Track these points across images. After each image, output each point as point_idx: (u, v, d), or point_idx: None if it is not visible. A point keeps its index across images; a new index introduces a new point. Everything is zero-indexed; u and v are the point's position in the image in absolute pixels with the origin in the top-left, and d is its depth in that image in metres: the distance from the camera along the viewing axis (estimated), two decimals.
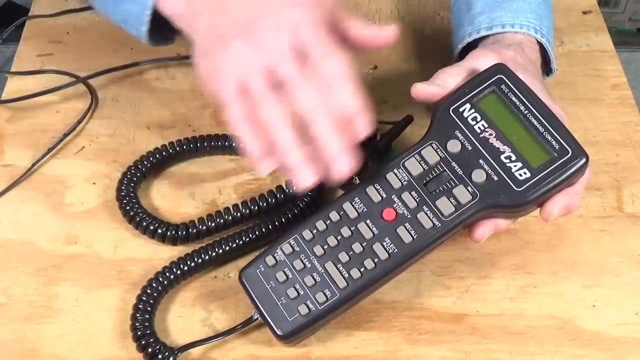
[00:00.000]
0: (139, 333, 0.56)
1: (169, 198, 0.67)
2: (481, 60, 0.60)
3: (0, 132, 0.72)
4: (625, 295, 0.61)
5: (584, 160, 0.54)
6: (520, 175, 0.54)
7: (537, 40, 0.65)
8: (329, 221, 0.56)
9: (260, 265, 0.56)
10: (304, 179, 0.52)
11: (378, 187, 0.56)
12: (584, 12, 0.85)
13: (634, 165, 0.69)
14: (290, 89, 0.53)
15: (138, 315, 0.57)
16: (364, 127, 0.53)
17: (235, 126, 0.54)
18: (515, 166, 0.55)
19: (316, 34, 0.54)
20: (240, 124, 0.54)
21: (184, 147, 0.68)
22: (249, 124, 0.54)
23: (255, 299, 0.55)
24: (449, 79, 0.59)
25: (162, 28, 0.60)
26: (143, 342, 0.55)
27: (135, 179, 0.66)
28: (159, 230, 0.62)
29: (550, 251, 0.63)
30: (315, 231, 0.56)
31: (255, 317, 0.56)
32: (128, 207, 0.63)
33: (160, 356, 0.55)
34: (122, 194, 0.64)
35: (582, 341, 0.58)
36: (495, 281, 0.61)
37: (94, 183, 0.68)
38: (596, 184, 0.67)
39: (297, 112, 0.53)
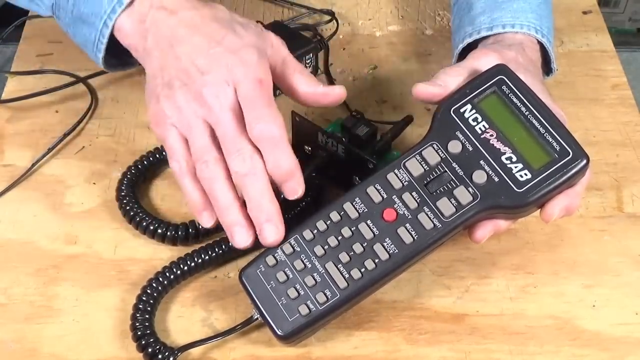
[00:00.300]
0: (139, 333, 0.56)
1: (169, 198, 0.67)
2: (482, 60, 0.60)
3: (0, 132, 0.72)
4: (625, 295, 0.61)
5: (584, 161, 0.54)
6: (521, 176, 0.54)
7: (537, 40, 0.65)
8: (329, 221, 0.56)
9: (261, 265, 0.56)
10: (239, 240, 0.55)
11: (379, 187, 0.56)
12: (584, 12, 0.85)
13: (634, 165, 0.69)
14: (224, 151, 0.55)
15: (138, 315, 0.57)
16: (294, 189, 0.55)
17: (177, 177, 0.56)
18: (516, 167, 0.55)
19: (254, 94, 0.55)
20: (181, 176, 0.56)
21: None
22: (190, 176, 0.56)
23: (256, 299, 0.55)
24: (449, 79, 0.59)
25: (123, 54, 0.61)
26: (143, 342, 0.55)
27: (135, 179, 0.66)
28: (159, 230, 0.62)
29: (550, 251, 0.63)
30: (315, 231, 0.56)
31: (256, 317, 0.56)
32: (128, 207, 0.63)
33: (160, 356, 0.55)
34: (122, 194, 0.64)
35: (582, 341, 0.58)
36: (495, 281, 0.61)
37: (94, 183, 0.68)
38: (596, 184, 0.67)
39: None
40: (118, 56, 0.62)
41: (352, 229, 0.55)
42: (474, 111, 0.57)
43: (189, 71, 0.56)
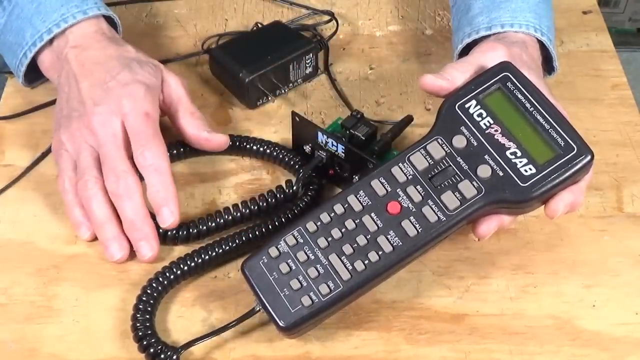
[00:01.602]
0: (140, 334, 0.56)
1: None
2: (489, 55, 0.60)
3: (0, 132, 0.72)
4: (625, 295, 0.61)
5: (589, 157, 0.54)
6: (526, 171, 0.54)
7: (537, 39, 0.66)
8: (333, 214, 0.56)
9: (264, 257, 0.56)
10: (111, 253, 0.60)
11: (383, 180, 0.56)
12: (584, 12, 0.85)
13: (634, 165, 0.69)
14: (104, 173, 0.60)
15: (139, 315, 0.57)
16: (167, 217, 0.60)
17: (61, 194, 0.62)
18: (520, 162, 0.55)
19: (140, 126, 0.61)
20: (64, 193, 0.62)
21: (184, 147, 0.68)
22: (72, 194, 0.62)
23: (258, 290, 0.55)
24: (457, 73, 0.59)
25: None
26: (145, 343, 0.55)
27: None
28: (160, 230, 0.62)
29: (550, 251, 0.63)
30: (319, 223, 0.56)
31: (257, 308, 0.56)
32: None
33: (162, 356, 0.55)
34: None
35: (582, 341, 0.58)
36: (495, 281, 0.61)
37: None
38: (596, 184, 0.67)
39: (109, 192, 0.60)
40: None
41: (356, 221, 0.55)
42: (478, 107, 0.57)
43: (85, 103, 0.62)
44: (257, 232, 0.61)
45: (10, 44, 0.67)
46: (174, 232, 0.62)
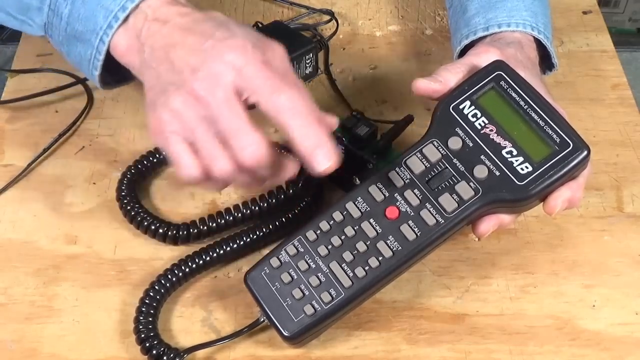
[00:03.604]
0: (143, 335, 0.56)
1: (169, 198, 0.67)
2: (483, 57, 0.60)
3: (0, 132, 0.72)
4: (625, 295, 0.61)
5: (585, 152, 0.54)
6: (522, 169, 0.54)
7: (534, 38, 0.66)
8: (332, 221, 0.56)
9: (265, 268, 0.56)
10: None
11: (380, 186, 0.56)
12: (584, 12, 0.85)
13: (634, 165, 0.69)
14: (231, 144, 0.52)
15: (142, 318, 0.56)
16: (324, 159, 0.50)
17: (184, 170, 0.53)
18: (516, 161, 0.55)
19: (264, 73, 0.52)
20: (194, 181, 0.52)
21: None
22: (196, 159, 0.52)
23: (261, 301, 0.55)
24: (450, 75, 0.59)
25: (117, 72, 0.59)
26: (147, 345, 0.55)
27: (135, 179, 0.66)
28: (160, 230, 0.62)
29: (550, 251, 0.63)
30: (319, 232, 0.56)
31: (262, 319, 0.56)
32: (129, 207, 0.63)
33: (165, 358, 0.55)
34: (122, 194, 0.64)
35: (582, 341, 0.58)
36: (495, 281, 0.61)
37: (94, 183, 0.68)
38: (596, 184, 0.67)
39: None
40: (113, 73, 0.60)
41: (355, 228, 0.55)
42: (473, 107, 0.57)
43: (182, 72, 0.53)
44: (258, 233, 0.61)
45: (79, 33, 0.58)
46: (175, 232, 0.62)
